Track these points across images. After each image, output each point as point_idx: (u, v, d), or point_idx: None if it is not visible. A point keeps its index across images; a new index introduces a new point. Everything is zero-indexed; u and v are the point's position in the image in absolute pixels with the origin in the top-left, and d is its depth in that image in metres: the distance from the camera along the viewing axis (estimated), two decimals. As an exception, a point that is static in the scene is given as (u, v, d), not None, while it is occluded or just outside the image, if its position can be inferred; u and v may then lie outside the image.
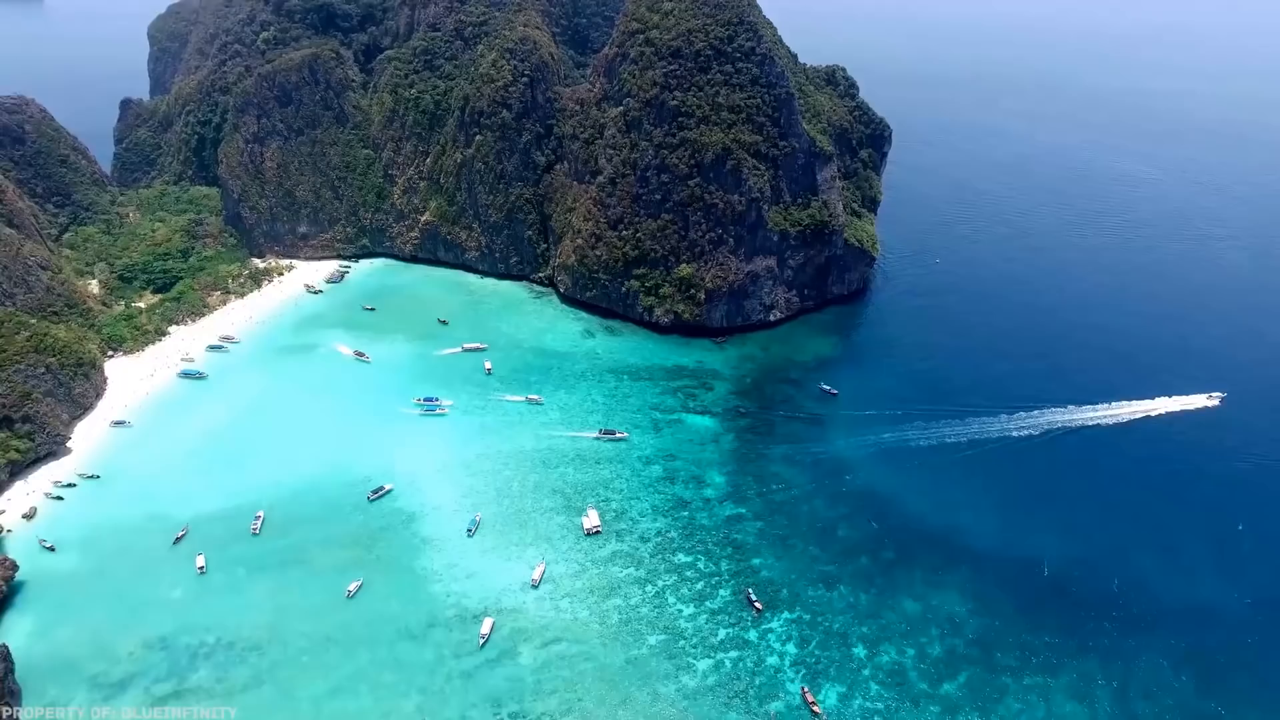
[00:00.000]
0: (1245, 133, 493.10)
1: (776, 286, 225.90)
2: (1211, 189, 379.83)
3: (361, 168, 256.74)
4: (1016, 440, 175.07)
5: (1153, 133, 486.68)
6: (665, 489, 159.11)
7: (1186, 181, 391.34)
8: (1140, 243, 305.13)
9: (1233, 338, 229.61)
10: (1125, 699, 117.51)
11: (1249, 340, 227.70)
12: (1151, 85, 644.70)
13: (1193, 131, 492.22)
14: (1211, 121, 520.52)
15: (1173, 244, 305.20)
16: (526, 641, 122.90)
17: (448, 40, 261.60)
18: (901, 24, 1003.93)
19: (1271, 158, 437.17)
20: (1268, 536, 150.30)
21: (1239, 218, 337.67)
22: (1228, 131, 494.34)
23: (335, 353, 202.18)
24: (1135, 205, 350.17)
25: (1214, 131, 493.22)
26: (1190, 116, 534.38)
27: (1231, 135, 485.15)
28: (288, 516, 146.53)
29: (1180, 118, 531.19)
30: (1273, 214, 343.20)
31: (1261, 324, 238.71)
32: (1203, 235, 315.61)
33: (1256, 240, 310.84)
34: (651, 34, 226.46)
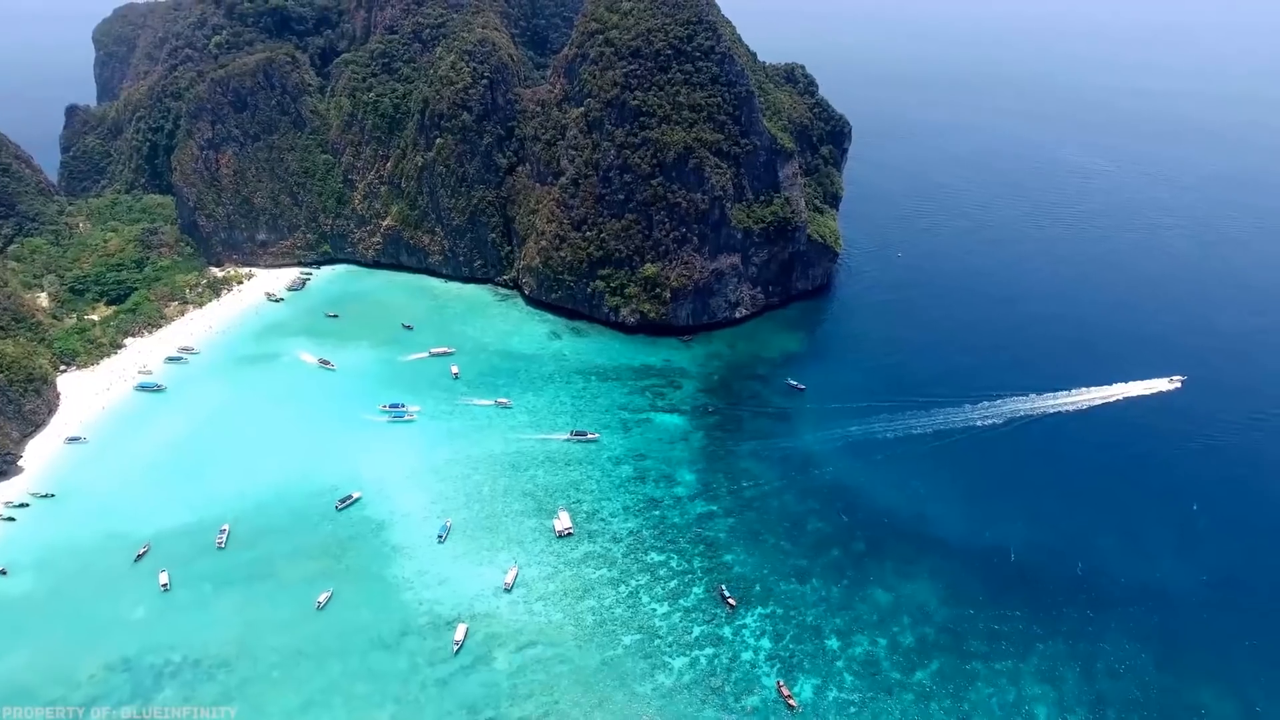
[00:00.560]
0: (1191, 126, 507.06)
1: (741, 284, 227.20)
2: (1160, 180, 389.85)
3: (320, 173, 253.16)
4: (981, 430, 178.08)
5: (1104, 126, 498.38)
6: (636, 488, 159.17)
7: (1137, 173, 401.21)
8: (1095, 233, 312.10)
9: (1188, 323, 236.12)
10: (1091, 678, 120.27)
11: (1203, 325, 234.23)
12: (1103, 80, 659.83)
13: (1142, 125, 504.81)
14: (1160, 116, 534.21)
15: (1125, 234, 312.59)
16: (501, 646, 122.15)
17: (405, 43, 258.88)
18: (861, 22, 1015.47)
19: (1214, 149, 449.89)
20: (1221, 515, 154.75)
21: (1185, 207, 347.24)
22: (1175, 125, 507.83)
23: (299, 361, 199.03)
24: (1089, 197, 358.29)
25: (1161, 125, 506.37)
26: (1139, 111, 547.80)
27: (1178, 129, 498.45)
28: (254, 529, 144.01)
29: (1130, 112, 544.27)
30: (1216, 204, 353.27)
31: (1212, 308, 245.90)
32: (1153, 225, 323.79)
33: (1202, 229, 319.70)
34: (611, 34, 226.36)
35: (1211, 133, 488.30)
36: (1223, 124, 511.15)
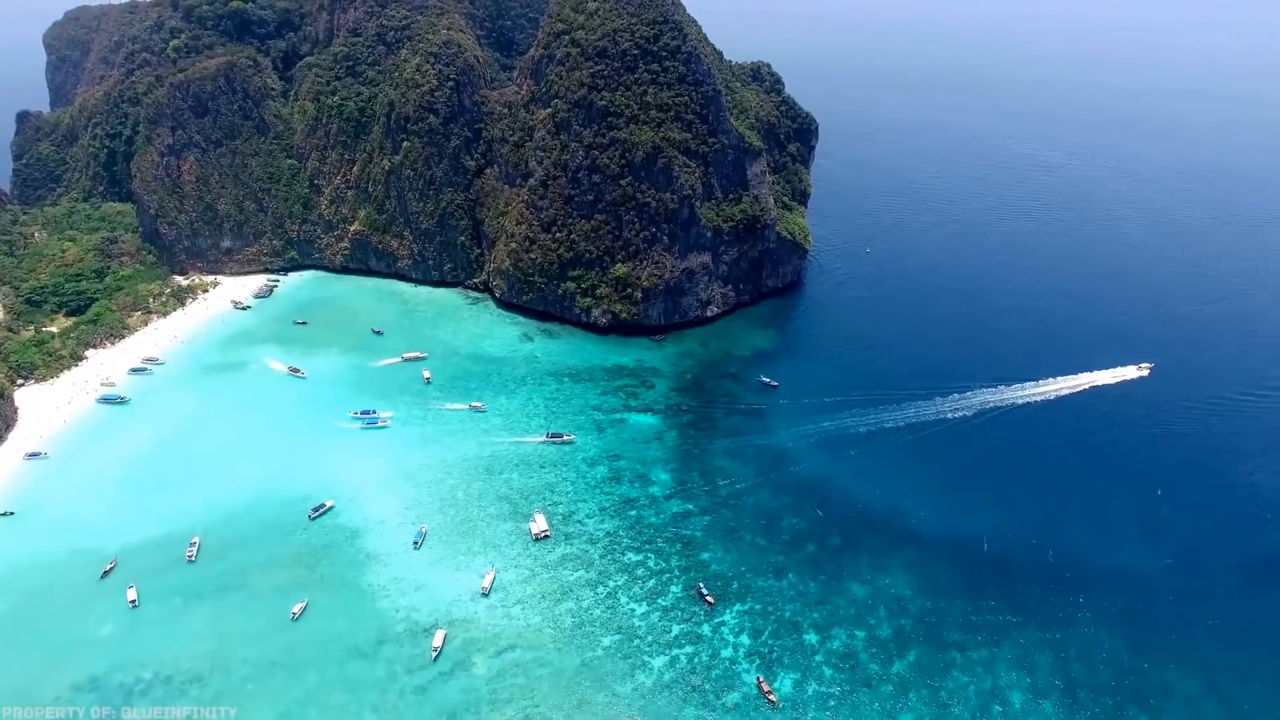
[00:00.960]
0: (1148, 120, 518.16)
1: (712, 282, 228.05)
2: (1120, 173, 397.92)
3: (285, 178, 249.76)
4: (952, 422, 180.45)
5: (1065, 121, 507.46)
6: (611, 489, 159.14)
7: (1097, 167, 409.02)
8: (1058, 225, 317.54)
9: (1150, 312, 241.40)
10: (1064, 663, 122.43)
11: (1164, 314, 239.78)
12: (1066, 76, 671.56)
13: (1102, 120, 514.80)
14: (1120, 111, 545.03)
15: (1087, 225, 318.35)
16: (480, 651, 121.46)
17: (369, 45, 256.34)
18: (824, 22, 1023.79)
19: (1171, 143, 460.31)
20: (1184, 499, 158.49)
21: (1144, 199, 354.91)
22: (1133, 120, 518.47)
23: (267, 369, 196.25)
24: (1052, 190, 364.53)
25: (1120, 120, 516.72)
26: (1100, 106, 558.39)
27: (1136, 123, 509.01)
28: (225, 540, 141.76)
29: (1092, 107, 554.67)
30: (1173, 196, 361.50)
31: (1171, 297, 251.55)
32: (1113, 216, 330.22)
33: (1161, 221, 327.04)
34: (577, 34, 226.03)
35: (1168, 127, 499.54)
36: (1180, 119, 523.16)
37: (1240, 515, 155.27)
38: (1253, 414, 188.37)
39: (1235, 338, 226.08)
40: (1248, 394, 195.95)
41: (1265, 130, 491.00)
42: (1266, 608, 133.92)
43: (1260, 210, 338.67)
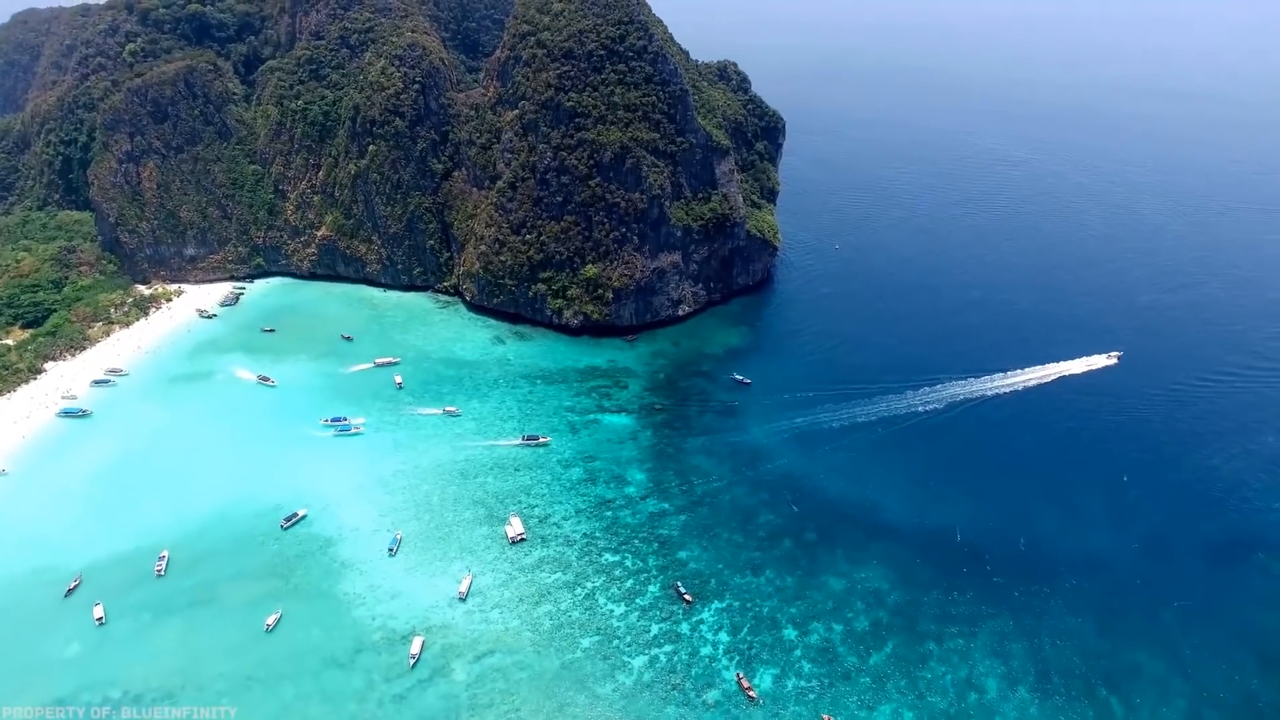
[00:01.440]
0: (1099, 114, 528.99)
1: (683, 281, 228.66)
2: (1077, 166, 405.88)
3: (250, 184, 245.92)
4: (924, 415, 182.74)
5: (1022, 116, 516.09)
6: (587, 490, 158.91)
7: (1057, 159, 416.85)
8: (1021, 218, 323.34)
9: (1115, 300, 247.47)
10: (1037, 649, 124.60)
11: (1128, 302, 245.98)
12: (1019, 73, 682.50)
13: (1056, 114, 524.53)
14: (1078, 106, 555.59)
15: (1050, 218, 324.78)
16: (458, 657, 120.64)
17: (333, 49, 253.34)
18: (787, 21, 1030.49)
19: (1119, 135, 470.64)
20: (1149, 485, 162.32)
21: (1103, 191, 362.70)
22: (1086, 113, 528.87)
23: (235, 378, 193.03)
24: (1015, 184, 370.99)
25: (1079, 115, 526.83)
26: (1053, 101, 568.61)
27: (1089, 116, 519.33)
28: (195, 553, 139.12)
29: (1045, 102, 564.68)
30: (1131, 188, 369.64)
31: (1134, 285, 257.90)
32: (1074, 208, 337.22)
33: (1120, 212, 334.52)
34: (542, 35, 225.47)
35: (1122, 122, 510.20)
36: (1133, 114, 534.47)
37: (1201, 498, 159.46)
38: (1210, 399, 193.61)
39: (1192, 326, 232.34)
40: (1205, 380, 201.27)
41: (1215, 126, 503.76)
42: (1227, 587, 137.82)
43: (1211, 202, 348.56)
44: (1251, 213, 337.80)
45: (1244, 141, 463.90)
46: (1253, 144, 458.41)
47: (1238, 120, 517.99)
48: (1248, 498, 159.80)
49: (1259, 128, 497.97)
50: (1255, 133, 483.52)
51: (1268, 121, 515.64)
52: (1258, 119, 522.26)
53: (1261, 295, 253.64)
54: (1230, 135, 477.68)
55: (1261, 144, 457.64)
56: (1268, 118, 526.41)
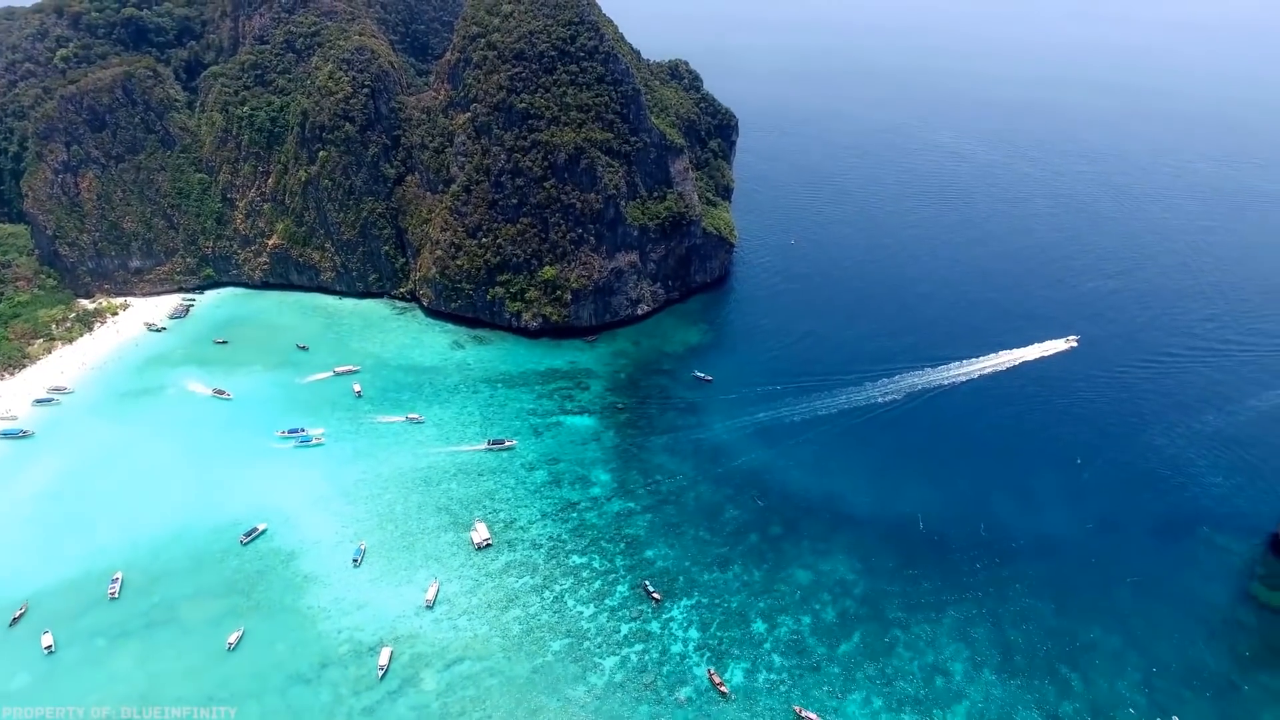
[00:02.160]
0: (1038, 106, 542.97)
1: (641, 280, 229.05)
2: (1022, 157, 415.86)
3: (196, 193, 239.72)
4: (884, 406, 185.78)
5: (966, 109, 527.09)
6: (552, 493, 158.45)
7: (1001, 151, 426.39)
8: (970, 210, 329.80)
9: (1066, 288, 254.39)
10: (1000, 630, 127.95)
11: (1078, 288, 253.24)
12: (962, 67, 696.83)
13: (997, 107, 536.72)
14: (1012, 98, 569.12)
15: (998, 208, 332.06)
16: (428, 666, 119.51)
17: (278, 53, 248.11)
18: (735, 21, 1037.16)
19: (1059, 126, 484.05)
20: (1101, 465, 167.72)
21: (1048, 180, 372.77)
22: (1025, 105, 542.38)
23: (188, 392, 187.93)
24: (963, 175, 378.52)
25: (1014, 105, 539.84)
26: (994, 95, 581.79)
27: (1028, 108, 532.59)
28: (150, 574, 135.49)
29: (986, 96, 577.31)
30: (1073, 177, 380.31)
31: (1078, 272, 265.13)
32: (1021, 199, 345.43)
33: (1064, 202, 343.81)
34: (493, 37, 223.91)
35: (1059, 113, 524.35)
36: (1068, 105, 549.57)
37: (1149, 476, 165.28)
38: (1153, 380, 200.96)
39: (1132, 310, 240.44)
40: (1148, 363, 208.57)
41: (1145, 117, 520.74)
42: (1174, 561, 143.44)
43: (1137, 188, 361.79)
44: (1184, 200, 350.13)
45: (1176, 134, 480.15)
46: (1186, 136, 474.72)
47: (1171, 112, 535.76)
48: (1191, 474, 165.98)
49: (1191, 120, 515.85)
50: (1187, 125, 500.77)
51: (1198, 114, 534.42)
52: (1188, 111, 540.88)
53: (1196, 279, 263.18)
54: (1162, 127, 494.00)
55: (1195, 136, 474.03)
56: (1197, 110, 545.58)
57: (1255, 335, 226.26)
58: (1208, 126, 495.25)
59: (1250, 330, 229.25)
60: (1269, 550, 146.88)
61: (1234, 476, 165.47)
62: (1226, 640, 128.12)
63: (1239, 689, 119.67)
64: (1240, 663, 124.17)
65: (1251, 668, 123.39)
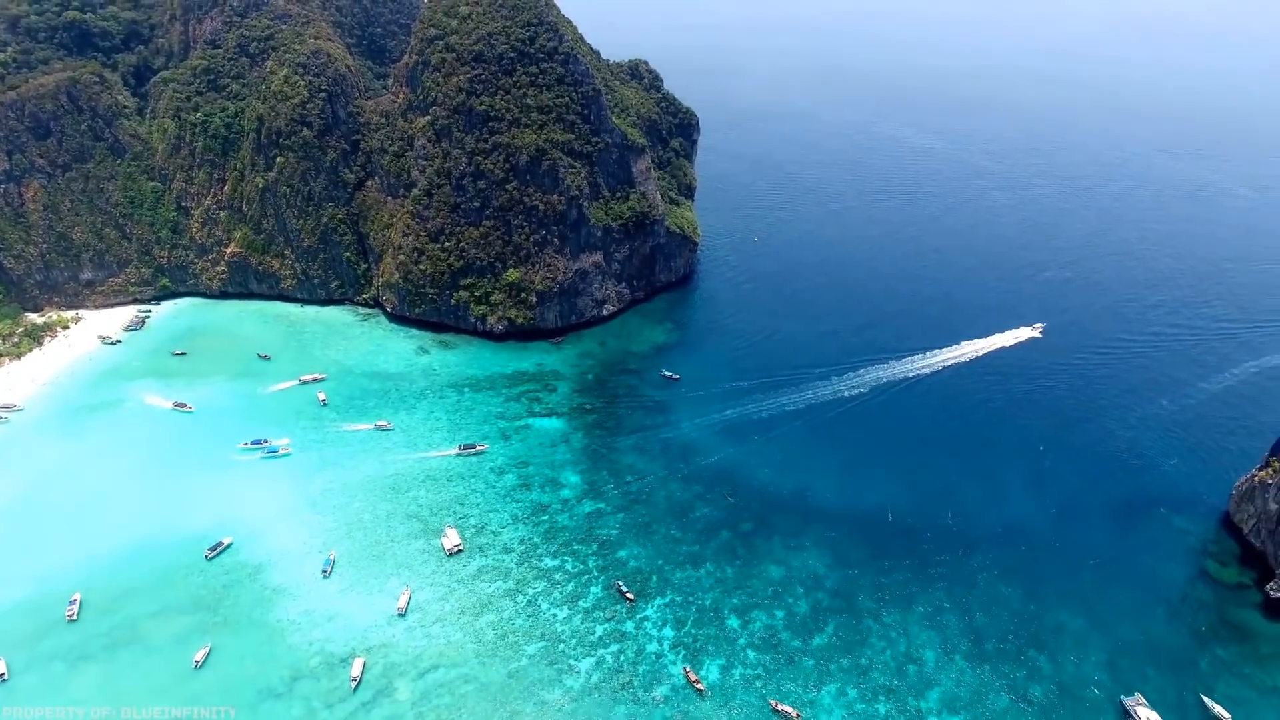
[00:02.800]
0: (993, 100, 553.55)
1: (606, 281, 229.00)
2: (979, 151, 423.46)
3: (149, 202, 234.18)
4: (850, 400, 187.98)
5: (923, 104, 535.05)
6: (522, 496, 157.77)
7: (959, 145, 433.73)
8: (930, 203, 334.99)
9: (1030, 276, 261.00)
10: (969, 616, 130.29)
11: (1036, 278, 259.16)
12: (916, 62, 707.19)
13: (953, 102, 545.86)
14: (968, 93, 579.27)
15: (957, 201, 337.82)
16: (401, 675, 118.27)
17: (231, 58, 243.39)
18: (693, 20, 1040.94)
19: (1013, 119, 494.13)
20: (1063, 452, 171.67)
21: (1003, 173, 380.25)
22: (980, 100, 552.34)
23: (146, 406, 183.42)
24: (922, 170, 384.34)
25: (970, 100, 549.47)
26: (949, 89, 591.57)
27: (983, 103, 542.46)
28: (111, 593, 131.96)
29: (941, 91, 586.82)
30: (1027, 170, 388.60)
31: (1035, 263, 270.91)
32: (979, 192, 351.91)
33: (1017, 191, 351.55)
34: (451, 39, 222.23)
35: (1013, 107, 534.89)
36: (1022, 99, 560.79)
37: (1108, 461, 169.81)
38: (1108, 367, 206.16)
39: (1085, 299, 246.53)
40: (1102, 351, 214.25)
41: (1093, 110, 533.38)
42: (1134, 542, 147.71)
43: (1088, 180, 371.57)
44: (1133, 190, 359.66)
45: (1123, 126, 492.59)
46: (1132, 128, 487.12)
47: (1120, 107, 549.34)
48: (1147, 458, 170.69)
49: (1136, 113, 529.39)
50: (1133, 118, 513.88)
51: (1143, 108, 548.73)
52: (1133, 105, 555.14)
53: (1145, 267, 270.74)
54: (1115, 120, 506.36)
55: (1140, 129, 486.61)
56: (1142, 103, 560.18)
57: (1202, 319, 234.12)
58: (1152, 119, 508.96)
59: (1197, 314, 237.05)
60: (1221, 529, 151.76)
61: (1187, 459, 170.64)
62: (1185, 617, 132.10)
63: (1196, 663, 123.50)
64: (1198, 638, 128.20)
65: (1208, 642, 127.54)
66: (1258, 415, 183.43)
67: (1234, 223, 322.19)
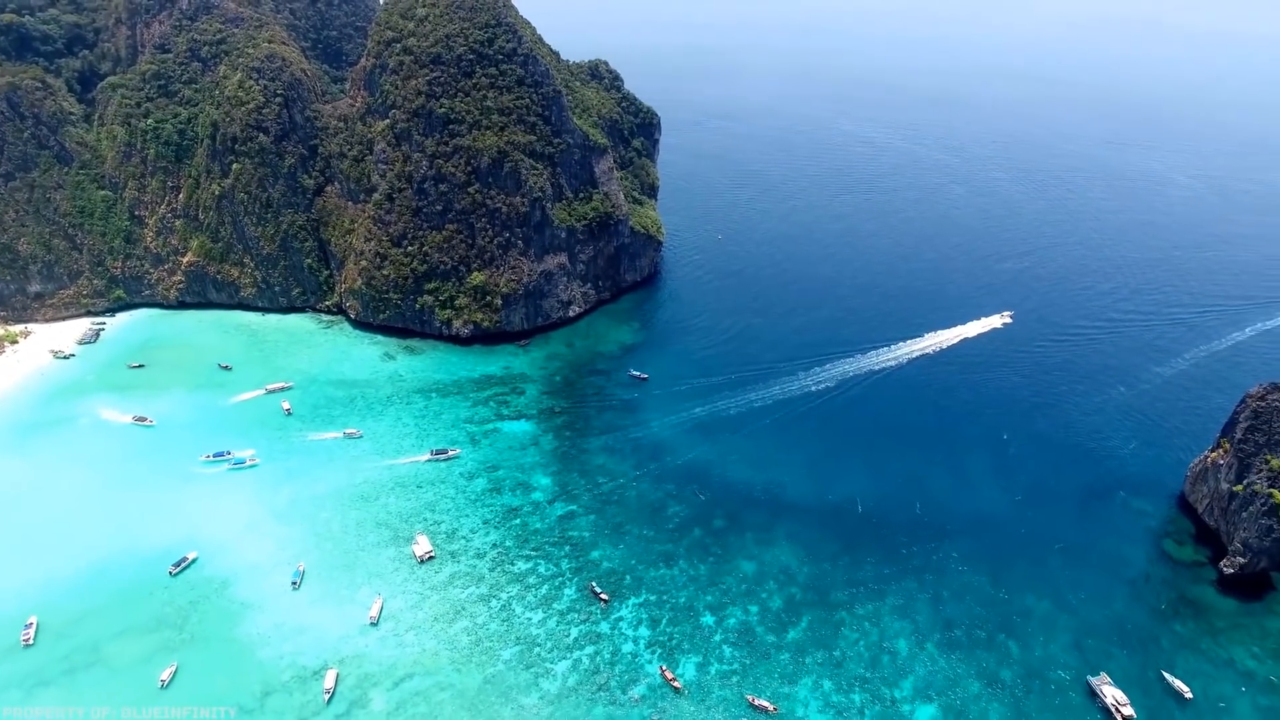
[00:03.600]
0: (947, 95, 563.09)
1: (571, 282, 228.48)
2: (936, 145, 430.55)
3: (100, 211, 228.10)
4: (818, 394, 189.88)
5: (881, 101, 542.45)
6: (493, 500, 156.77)
7: (917, 140, 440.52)
8: (888, 198, 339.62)
9: (994, 267, 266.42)
10: (940, 605, 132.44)
11: (989, 270, 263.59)
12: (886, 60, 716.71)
13: (908, 98, 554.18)
14: (931, 90, 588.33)
15: (914, 194, 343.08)
16: (375, 686, 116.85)
17: (182, 62, 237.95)
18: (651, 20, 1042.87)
19: (966, 114, 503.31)
20: (1026, 440, 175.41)
21: (960, 165, 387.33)
22: (935, 95, 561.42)
23: (103, 421, 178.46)
24: (881, 164, 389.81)
25: (932, 97, 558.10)
26: (905, 86, 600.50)
27: (937, 98, 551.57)
28: (70, 615, 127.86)
29: (896, 87, 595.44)
30: (979, 162, 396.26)
31: (996, 253, 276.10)
32: (936, 185, 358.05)
33: (974, 183, 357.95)
34: (408, 42, 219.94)
35: (965, 101, 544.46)
36: (974, 94, 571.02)
37: (1071, 448, 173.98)
38: (1066, 355, 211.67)
39: (1044, 288, 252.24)
40: (1058, 340, 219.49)
41: (1046, 104, 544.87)
42: (1096, 525, 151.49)
43: (1041, 172, 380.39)
44: (1084, 182, 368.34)
45: (1075, 119, 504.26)
46: (1082, 121, 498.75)
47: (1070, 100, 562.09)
48: (1106, 443, 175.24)
49: (1086, 106, 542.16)
50: (1083, 111, 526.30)
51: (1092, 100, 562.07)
52: (1084, 98, 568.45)
53: (1098, 256, 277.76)
54: (1067, 113, 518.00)
55: (1090, 122, 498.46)
56: (1091, 96, 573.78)
57: (1152, 304, 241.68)
58: (1101, 112, 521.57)
59: (1148, 300, 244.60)
60: (1178, 509, 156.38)
61: (1144, 443, 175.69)
62: (1145, 596, 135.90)
63: (1158, 640, 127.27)
64: (1158, 616, 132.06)
65: (1168, 619, 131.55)
66: (1209, 398, 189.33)
67: (1180, 212, 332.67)
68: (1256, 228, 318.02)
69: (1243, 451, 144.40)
